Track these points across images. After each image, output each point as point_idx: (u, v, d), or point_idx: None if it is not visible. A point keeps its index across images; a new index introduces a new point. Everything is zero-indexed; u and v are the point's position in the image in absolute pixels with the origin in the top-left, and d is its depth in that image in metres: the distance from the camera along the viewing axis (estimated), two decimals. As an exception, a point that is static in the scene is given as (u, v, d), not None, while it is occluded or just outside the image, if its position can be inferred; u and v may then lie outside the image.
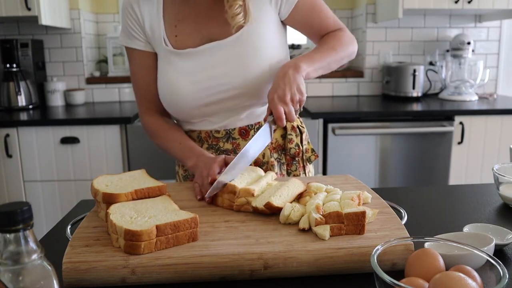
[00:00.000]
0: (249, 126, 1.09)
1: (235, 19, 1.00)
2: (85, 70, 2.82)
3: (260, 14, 1.04)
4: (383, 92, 2.89)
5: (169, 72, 1.05)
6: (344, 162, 2.38)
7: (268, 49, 1.04)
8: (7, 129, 2.22)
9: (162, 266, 0.62)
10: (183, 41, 1.05)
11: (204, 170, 0.92)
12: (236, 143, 1.09)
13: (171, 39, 1.05)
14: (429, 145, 2.39)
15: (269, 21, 1.06)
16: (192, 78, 1.03)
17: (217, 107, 1.05)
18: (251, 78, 1.02)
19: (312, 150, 1.19)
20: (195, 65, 1.03)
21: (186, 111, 1.06)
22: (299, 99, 0.94)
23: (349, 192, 0.79)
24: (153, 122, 1.12)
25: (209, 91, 1.03)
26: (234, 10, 1.00)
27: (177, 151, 1.07)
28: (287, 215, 0.73)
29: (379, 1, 2.76)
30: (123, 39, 1.10)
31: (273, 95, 0.92)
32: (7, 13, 2.29)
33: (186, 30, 1.05)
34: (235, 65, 1.02)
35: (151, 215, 0.69)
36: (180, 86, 1.03)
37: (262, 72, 1.02)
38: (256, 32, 1.03)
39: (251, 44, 1.03)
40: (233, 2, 1.00)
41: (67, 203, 2.30)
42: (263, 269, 0.63)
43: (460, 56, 2.73)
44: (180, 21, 1.06)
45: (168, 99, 1.07)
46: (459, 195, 1.02)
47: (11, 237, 0.42)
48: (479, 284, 0.50)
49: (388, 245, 0.58)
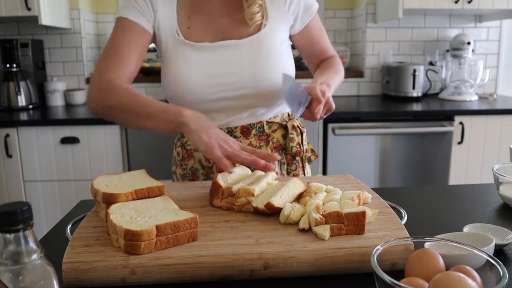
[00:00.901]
0: (251, 125, 1.10)
1: (254, 18, 1.03)
2: (85, 70, 2.82)
3: (278, 20, 1.07)
4: (383, 92, 2.89)
5: (180, 62, 1.04)
6: (344, 162, 2.38)
7: (281, 54, 1.07)
8: (7, 129, 2.22)
9: (162, 266, 0.62)
10: (195, 34, 1.05)
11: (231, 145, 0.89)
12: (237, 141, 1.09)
13: (183, 30, 1.06)
14: (429, 145, 2.39)
15: (284, 30, 1.10)
16: (203, 71, 1.03)
17: (222, 104, 1.06)
18: (262, 80, 1.04)
19: (312, 150, 1.19)
20: (209, 59, 1.04)
21: (190, 103, 1.04)
22: (331, 104, 0.98)
23: (349, 192, 0.79)
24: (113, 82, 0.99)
25: (218, 88, 1.04)
26: (253, 9, 1.02)
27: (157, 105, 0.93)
28: (287, 215, 0.73)
29: (379, 1, 2.76)
30: (125, 11, 1.04)
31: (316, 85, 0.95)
32: (7, 13, 2.29)
33: (199, 23, 1.06)
34: (249, 65, 1.03)
35: (151, 215, 0.69)
36: (190, 78, 1.03)
37: (273, 76, 1.04)
38: (273, 35, 1.06)
39: (267, 45, 1.05)
40: (252, 2, 1.02)
41: (67, 203, 2.30)
42: (263, 269, 0.63)
43: (460, 56, 2.73)
44: (193, 13, 1.07)
45: (174, 89, 1.05)
46: (459, 195, 1.02)
47: (11, 237, 0.42)
48: (479, 284, 0.50)
49: (388, 245, 0.58)
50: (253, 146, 1.09)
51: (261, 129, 1.10)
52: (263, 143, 1.11)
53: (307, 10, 1.11)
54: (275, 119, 1.12)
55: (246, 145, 0.94)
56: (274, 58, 1.05)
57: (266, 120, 1.11)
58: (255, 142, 1.10)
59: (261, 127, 1.10)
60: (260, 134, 1.10)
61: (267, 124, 1.11)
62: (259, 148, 1.10)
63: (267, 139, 1.11)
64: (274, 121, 1.12)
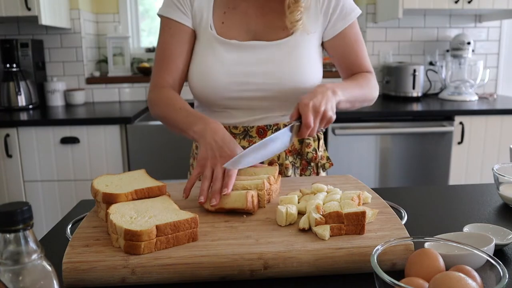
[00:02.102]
0: (267, 126, 1.09)
1: (296, 25, 1.02)
2: (85, 70, 2.82)
3: (311, 26, 1.06)
4: (383, 92, 2.89)
5: (208, 56, 1.05)
6: (344, 162, 2.38)
7: (309, 60, 1.06)
8: (7, 129, 2.22)
9: (162, 266, 0.62)
10: (229, 30, 1.06)
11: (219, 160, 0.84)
12: (253, 141, 1.09)
13: (217, 25, 1.06)
14: (429, 145, 2.39)
15: (316, 36, 1.08)
16: (230, 69, 1.03)
17: (242, 103, 1.06)
18: (286, 85, 1.03)
19: (328, 158, 1.17)
20: (237, 58, 1.04)
21: (212, 97, 1.06)
22: (330, 117, 0.92)
23: (349, 192, 0.79)
24: (162, 91, 1.07)
25: (241, 87, 1.04)
26: (295, 16, 1.01)
27: (181, 118, 0.99)
28: (285, 217, 0.72)
29: (379, 1, 2.77)
30: (164, 8, 1.08)
31: (308, 101, 0.89)
32: (7, 13, 2.29)
33: (234, 19, 1.06)
34: (275, 69, 1.03)
35: (151, 215, 0.69)
36: (215, 74, 1.03)
37: (298, 82, 1.03)
38: (304, 41, 1.05)
39: (296, 51, 1.04)
40: (295, 9, 1.01)
41: (67, 203, 2.30)
42: (263, 269, 0.63)
43: (460, 56, 2.73)
44: (230, 9, 1.07)
45: (198, 82, 1.06)
46: (459, 195, 1.02)
47: (11, 237, 0.42)
48: (479, 284, 0.50)
49: (388, 245, 0.58)
50: None
51: (277, 131, 1.08)
52: None
53: (343, 17, 1.07)
54: None
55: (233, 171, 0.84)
56: (301, 64, 1.04)
57: (284, 123, 1.09)
58: None
59: (277, 129, 1.09)
60: None
61: (284, 126, 1.09)
62: None
63: None
64: None
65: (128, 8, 2.98)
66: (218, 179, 0.81)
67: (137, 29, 3.08)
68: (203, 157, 0.87)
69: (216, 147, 0.87)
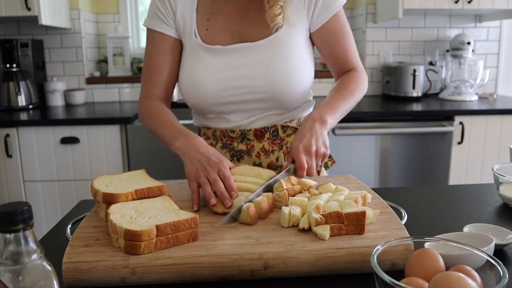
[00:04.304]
0: (265, 128, 1.08)
1: (275, 20, 1.00)
2: (85, 70, 2.82)
3: (296, 20, 1.03)
4: (383, 92, 2.89)
5: (195, 65, 1.04)
6: (344, 162, 2.38)
7: (297, 56, 1.03)
8: (7, 129, 2.22)
9: (162, 266, 0.62)
10: (213, 36, 1.04)
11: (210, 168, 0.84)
12: (250, 144, 1.08)
13: (201, 32, 1.05)
14: (429, 145, 2.39)
15: (302, 30, 1.06)
16: (218, 75, 1.03)
17: (236, 107, 1.05)
18: (276, 84, 1.01)
19: (329, 156, 1.16)
20: (223, 63, 1.03)
21: (205, 105, 1.05)
22: (323, 153, 0.93)
23: (354, 192, 0.79)
24: (149, 104, 1.08)
25: (232, 91, 1.03)
26: (274, 11, 0.99)
27: (165, 132, 1.01)
28: (288, 218, 0.72)
29: (379, 1, 2.76)
30: (148, 20, 1.08)
31: (298, 144, 0.91)
32: (7, 13, 2.29)
33: (218, 25, 1.05)
34: (263, 69, 1.01)
35: (151, 215, 0.69)
36: (203, 81, 1.03)
37: (288, 79, 1.02)
38: (289, 37, 1.03)
39: (283, 48, 1.02)
40: (274, 3, 0.99)
41: (67, 203, 2.30)
42: (263, 269, 0.63)
43: (460, 56, 2.73)
44: (213, 14, 1.06)
45: (189, 92, 1.06)
46: (459, 195, 1.02)
47: (11, 237, 0.42)
48: (479, 284, 0.50)
49: (388, 245, 0.58)
50: (266, 150, 1.07)
51: (275, 133, 1.08)
52: (276, 147, 1.08)
53: (326, 7, 1.04)
54: (291, 123, 1.09)
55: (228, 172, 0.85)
56: (290, 60, 1.02)
57: (281, 124, 1.09)
58: (268, 146, 1.08)
59: (275, 130, 1.08)
60: (274, 138, 1.08)
61: (281, 128, 1.09)
62: (272, 152, 1.08)
63: (281, 143, 1.09)
64: (289, 125, 1.09)
65: (128, 8, 2.98)
66: (218, 181, 0.82)
67: (137, 29, 3.07)
68: (193, 171, 0.87)
69: (203, 158, 0.87)
